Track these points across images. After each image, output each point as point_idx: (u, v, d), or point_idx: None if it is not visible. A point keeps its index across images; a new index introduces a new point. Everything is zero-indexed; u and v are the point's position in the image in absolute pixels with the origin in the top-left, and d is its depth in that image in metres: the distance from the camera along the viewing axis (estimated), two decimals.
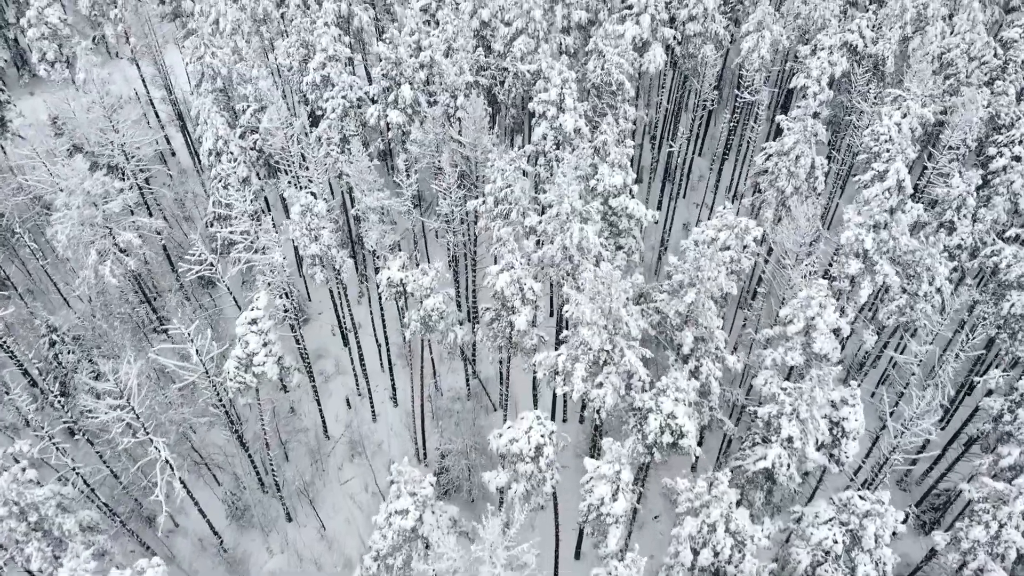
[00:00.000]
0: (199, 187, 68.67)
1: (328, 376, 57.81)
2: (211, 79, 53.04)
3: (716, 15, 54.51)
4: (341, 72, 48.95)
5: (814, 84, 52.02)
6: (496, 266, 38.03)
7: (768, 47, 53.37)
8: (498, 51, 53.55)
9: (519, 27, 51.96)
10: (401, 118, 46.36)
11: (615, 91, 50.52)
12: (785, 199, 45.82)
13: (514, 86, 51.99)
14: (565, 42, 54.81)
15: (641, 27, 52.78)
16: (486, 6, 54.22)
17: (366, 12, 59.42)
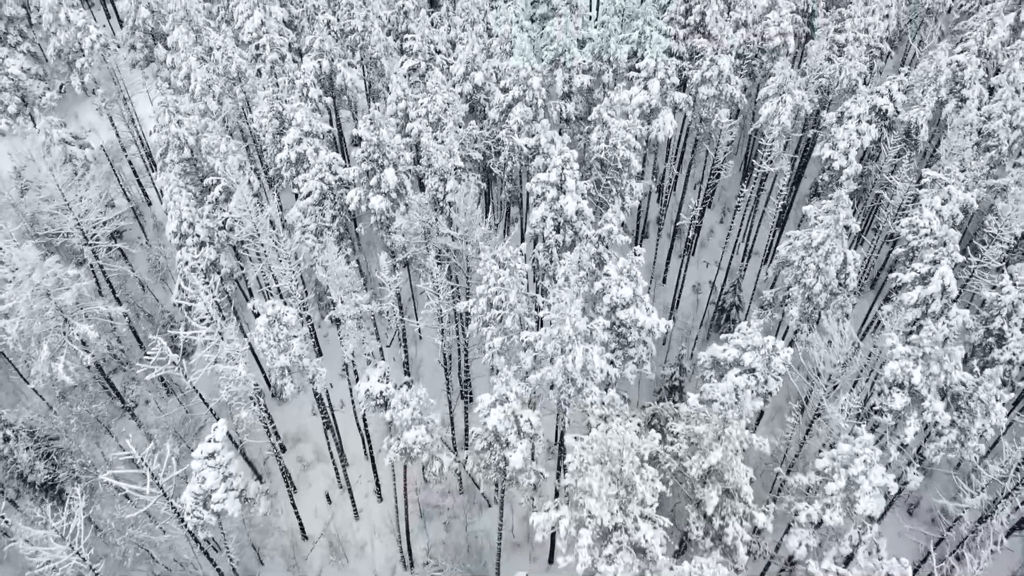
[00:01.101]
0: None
1: (307, 464, 52.27)
2: (177, 148, 47.41)
3: (732, 76, 48.84)
4: (319, 148, 43.33)
5: (840, 157, 46.41)
6: (488, 397, 32.55)
7: (789, 113, 47.72)
8: (493, 119, 47.92)
9: (516, 95, 46.31)
10: (384, 204, 40.74)
11: (620, 167, 44.94)
12: (813, 296, 40.31)
13: (511, 159, 46.38)
14: (566, 109, 49.12)
15: (650, 93, 47.11)
16: (479, 69, 48.54)
17: (351, 69, 53.69)
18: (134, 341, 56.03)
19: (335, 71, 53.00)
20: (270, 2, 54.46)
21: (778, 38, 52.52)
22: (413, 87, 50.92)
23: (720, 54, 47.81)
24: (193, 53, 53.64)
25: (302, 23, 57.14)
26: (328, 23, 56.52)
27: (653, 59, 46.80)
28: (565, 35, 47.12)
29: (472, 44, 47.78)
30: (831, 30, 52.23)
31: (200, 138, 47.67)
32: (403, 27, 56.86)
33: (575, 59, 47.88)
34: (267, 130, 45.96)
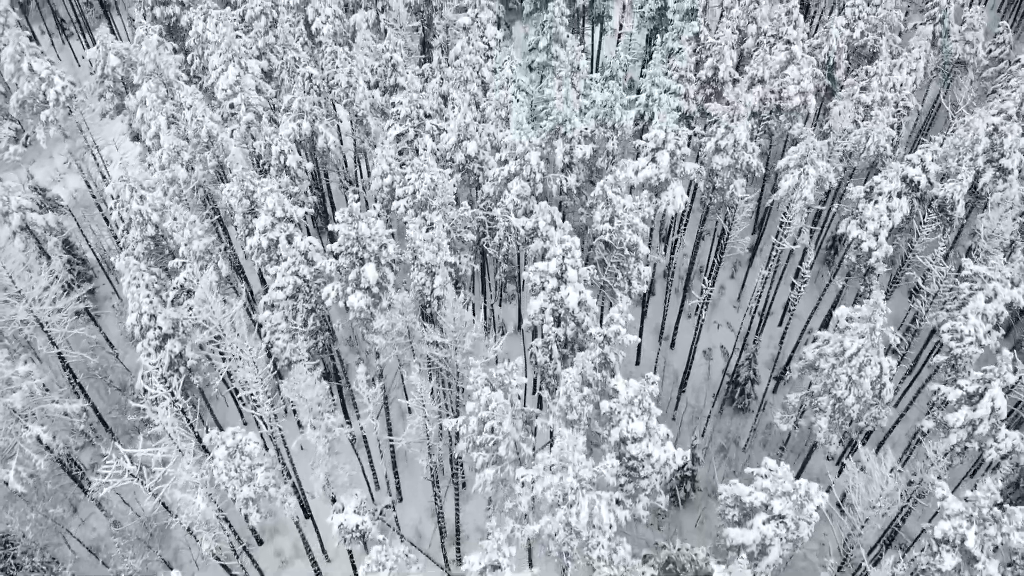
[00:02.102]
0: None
1: (286, 560, 47.31)
2: (140, 226, 42.51)
3: (748, 143, 43.84)
4: (292, 235, 38.41)
5: (870, 238, 41.50)
6: (476, 560, 27.76)
7: (813, 187, 42.80)
8: (488, 192, 42.99)
9: (512, 169, 41.37)
10: (364, 301, 35.85)
11: (627, 252, 40.06)
12: (844, 407, 35.48)
13: (506, 239, 41.46)
14: (566, 182, 44.15)
15: (658, 167, 42.13)
16: (472, 138, 43.55)
17: (334, 128, 48.69)
18: (110, 404, 51.37)
19: (316, 132, 47.99)
20: (246, 56, 49.40)
21: (797, 97, 47.50)
22: (402, 153, 45.92)
23: (736, 121, 42.82)
24: (162, 112, 48.62)
25: (282, 75, 52.11)
26: (310, 76, 51.47)
27: (663, 129, 41.81)
28: (566, 105, 42.10)
29: (464, 112, 42.76)
30: (856, 89, 47.21)
31: (165, 213, 42.77)
32: (391, 80, 51.82)
33: (576, 129, 42.86)
34: (237, 210, 41.00)
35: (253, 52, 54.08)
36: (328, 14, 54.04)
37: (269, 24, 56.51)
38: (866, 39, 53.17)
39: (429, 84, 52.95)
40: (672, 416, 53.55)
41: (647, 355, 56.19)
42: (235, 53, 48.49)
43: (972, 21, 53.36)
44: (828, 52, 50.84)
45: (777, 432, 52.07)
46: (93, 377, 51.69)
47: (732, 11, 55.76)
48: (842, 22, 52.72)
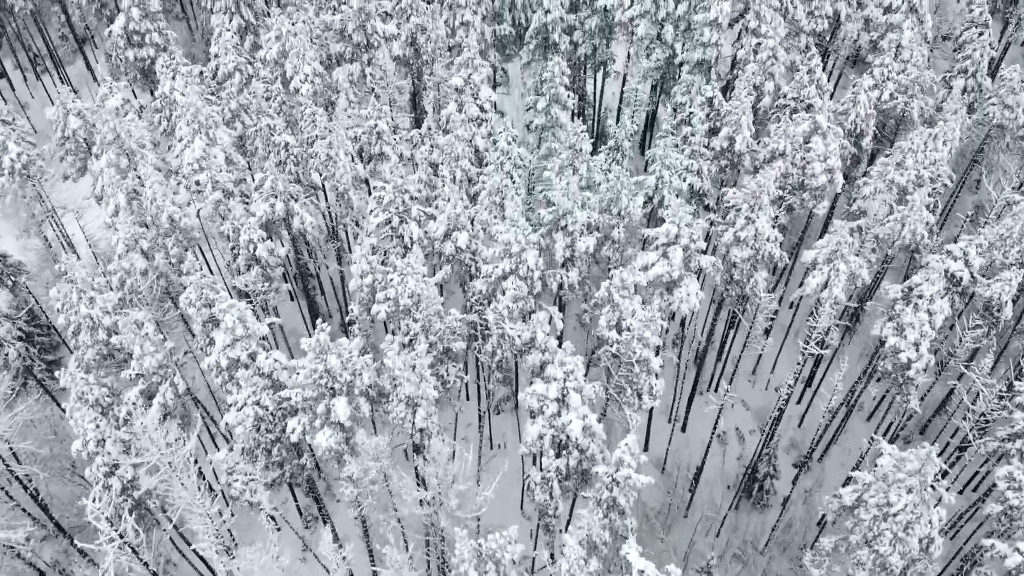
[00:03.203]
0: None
1: None
2: (89, 330, 37.51)
3: (771, 231, 38.75)
4: (257, 353, 33.34)
5: (909, 348, 36.44)
6: None
7: (844, 285, 37.76)
8: (480, 290, 37.93)
9: (508, 268, 36.31)
10: (333, 440, 30.83)
11: (637, 367, 35.04)
12: (887, 564, 30.51)
13: (500, 346, 36.43)
14: (568, 278, 39.07)
15: (671, 264, 37.04)
16: (464, 228, 38.46)
17: (310, 209, 43.55)
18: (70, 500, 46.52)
19: (292, 212, 42.88)
20: (215, 126, 44.19)
21: (824, 176, 42.34)
22: (384, 240, 40.78)
23: (758, 211, 37.69)
24: (122, 188, 43.53)
25: (255, 143, 46.93)
26: (286, 145, 46.27)
27: (675, 224, 36.68)
28: (566, 198, 36.94)
29: (454, 203, 37.66)
30: (891, 168, 42.00)
31: (119, 315, 37.74)
32: (376, 148, 46.65)
33: (578, 222, 37.71)
34: (196, 319, 35.94)
35: (225, 115, 48.94)
36: (307, 72, 48.80)
37: (244, 81, 51.35)
38: (896, 102, 47.96)
39: (419, 150, 47.90)
40: (684, 514, 48.61)
41: (655, 439, 51.19)
42: (202, 124, 43.30)
43: (1012, 83, 48.12)
44: (855, 119, 45.62)
45: (798, 534, 47.14)
46: (49, 469, 46.82)
47: (747, 67, 50.46)
48: (869, 83, 47.50)
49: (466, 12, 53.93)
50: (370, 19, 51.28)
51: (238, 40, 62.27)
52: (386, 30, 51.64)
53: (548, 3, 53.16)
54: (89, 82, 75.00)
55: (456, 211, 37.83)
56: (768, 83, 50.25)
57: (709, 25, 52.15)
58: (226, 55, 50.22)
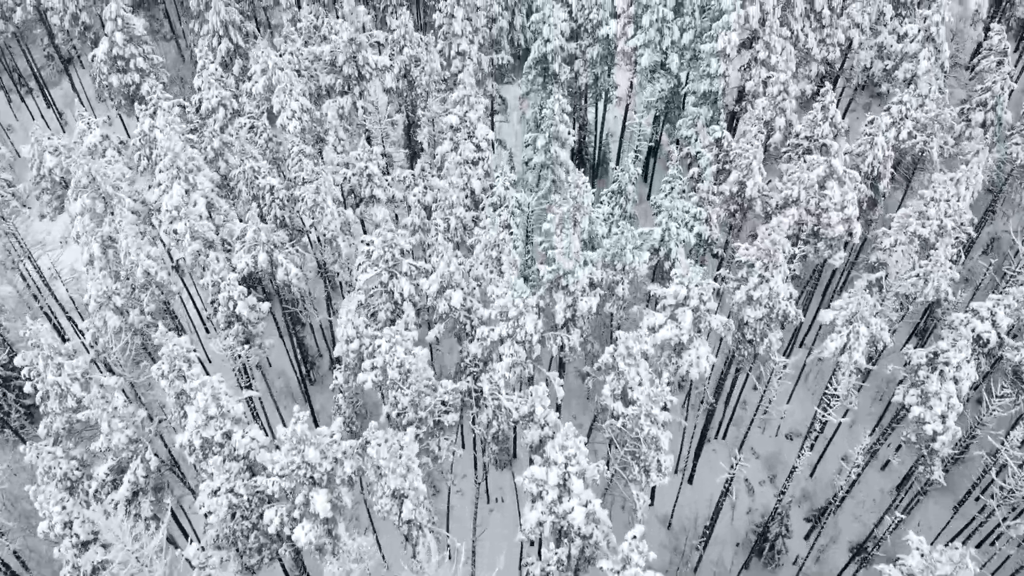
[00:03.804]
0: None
1: None
2: (59, 397, 34.75)
3: (785, 290, 35.96)
4: (232, 432, 30.55)
5: (935, 420, 33.69)
6: None
7: (864, 348, 34.97)
8: (475, 354, 35.14)
9: (504, 332, 33.52)
10: (313, 534, 28.12)
11: (643, 443, 32.28)
12: None
13: (496, 417, 33.69)
14: (568, 340, 36.27)
15: (680, 327, 34.24)
16: (458, 286, 35.67)
17: (296, 260, 40.72)
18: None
19: (276, 263, 40.07)
20: (196, 170, 41.35)
21: (841, 226, 39.54)
22: (373, 296, 37.98)
23: (773, 270, 34.90)
24: (96, 237, 40.73)
25: (239, 186, 44.10)
26: (271, 188, 43.43)
27: (684, 285, 33.88)
28: (567, 258, 34.13)
29: (448, 260, 34.87)
30: (912, 220, 39.15)
31: (89, 379, 35.00)
32: (366, 191, 43.87)
33: (580, 282, 34.89)
34: (168, 392, 33.17)
35: (208, 153, 46.11)
36: (294, 108, 45.95)
37: (228, 116, 48.52)
38: (914, 141, 45.12)
39: (412, 191, 45.13)
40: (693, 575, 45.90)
41: (662, 492, 48.35)
42: (180, 169, 40.47)
43: None
44: (872, 162, 42.78)
45: None
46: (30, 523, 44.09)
47: (757, 101, 47.65)
48: (887, 121, 44.61)
49: (462, 42, 51.11)
50: (361, 50, 48.45)
51: (224, 68, 59.66)
52: (378, 61, 48.81)
53: (548, 32, 50.34)
54: (75, 104, 72.13)
55: (450, 269, 35.03)
56: (779, 118, 47.41)
57: (716, 56, 49.36)
58: (209, 90, 47.36)
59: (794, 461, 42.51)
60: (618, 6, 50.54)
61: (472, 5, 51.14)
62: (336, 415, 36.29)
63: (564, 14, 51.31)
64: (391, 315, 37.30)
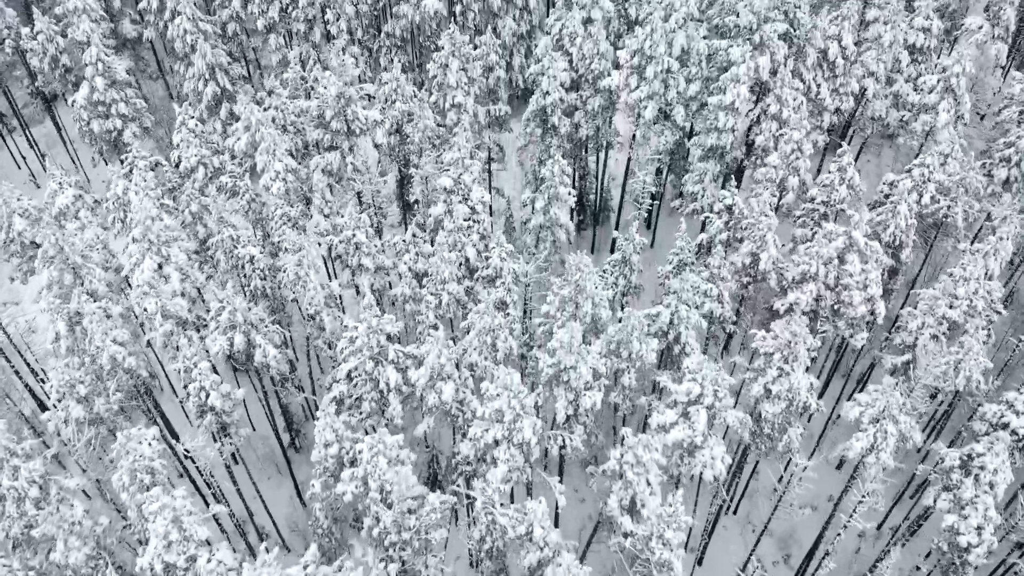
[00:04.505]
0: None
1: None
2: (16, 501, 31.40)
3: (804, 379, 32.68)
4: (197, 557, 27.26)
5: (970, 532, 30.42)
6: None
7: (891, 449, 31.72)
8: (466, 454, 31.85)
9: (499, 435, 30.28)
10: None
11: (654, 569, 28.96)
12: None
13: (490, 534, 30.36)
14: (570, 441, 32.95)
15: (694, 428, 30.99)
16: (450, 378, 32.41)
17: (276, 338, 37.46)
18: None
19: (253, 344, 36.81)
20: (170, 241, 38.13)
21: (863, 306, 36.34)
22: (357, 386, 34.67)
23: (793, 362, 31.66)
24: (62, 315, 37.49)
25: (217, 255, 40.89)
26: (251, 258, 40.20)
27: (698, 383, 30.63)
28: (569, 353, 30.88)
29: (438, 351, 31.63)
30: (941, 304, 35.89)
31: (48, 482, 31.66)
32: (354, 260, 40.65)
33: (582, 378, 31.63)
34: (130, 505, 29.88)
35: (185, 217, 42.93)
36: (278, 169, 42.75)
37: (209, 176, 45.38)
38: (938, 206, 41.97)
39: (403, 259, 41.96)
40: None
41: None
42: (153, 242, 37.28)
43: None
44: (894, 231, 39.59)
45: None
46: None
47: (769, 159, 44.54)
48: (908, 185, 41.50)
49: (457, 94, 47.95)
50: (351, 104, 45.33)
51: (210, 112, 56.57)
52: (368, 116, 45.70)
53: (547, 85, 47.22)
54: (58, 143, 69.14)
55: (440, 361, 31.78)
56: (792, 178, 44.27)
57: (725, 110, 46.29)
58: (188, 148, 44.20)
59: (810, 542, 39.21)
60: (620, 57, 47.43)
61: (467, 56, 48.05)
62: (312, 531, 32.95)
63: (564, 64, 48.22)
64: (377, 404, 34.03)
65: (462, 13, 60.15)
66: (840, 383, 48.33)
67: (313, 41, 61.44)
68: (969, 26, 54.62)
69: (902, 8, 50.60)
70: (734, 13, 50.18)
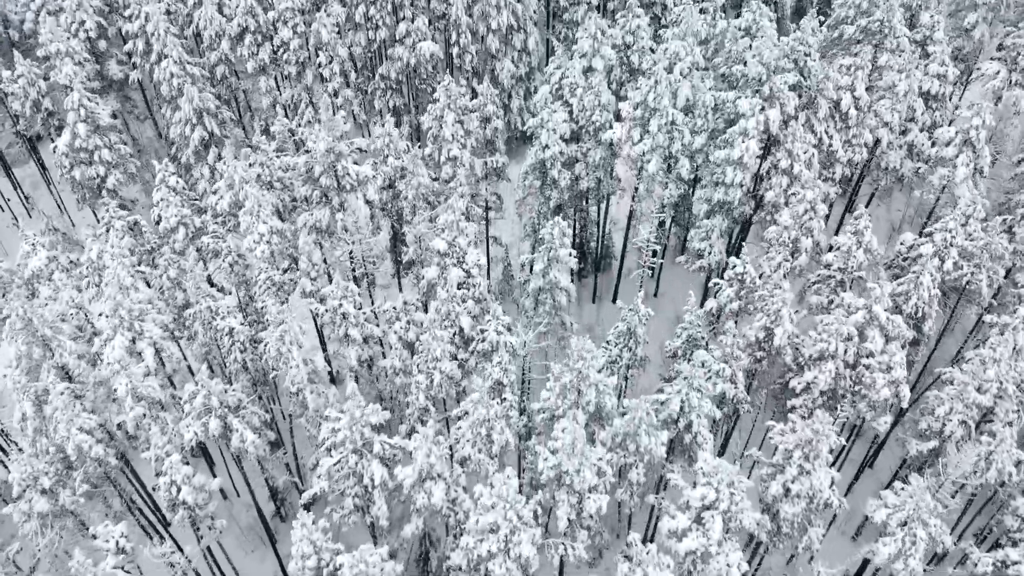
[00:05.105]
0: None
1: None
2: None
3: (826, 476, 29.75)
4: None
5: None
6: None
7: (921, 556, 28.78)
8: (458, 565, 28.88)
9: (493, 548, 27.35)
10: None
11: None
12: None
13: None
14: (572, 551, 29.94)
15: (708, 536, 28.04)
16: (440, 477, 29.46)
17: (251, 424, 34.55)
18: None
19: (231, 428, 33.92)
20: (142, 315, 35.31)
21: (887, 388, 33.48)
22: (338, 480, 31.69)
23: (813, 460, 28.76)
24: (29, 395, 34.65)
25: (195, 326, 38.06)
26: (230, 331, 37.31)
27: (713, 487, 27.72)
28: (571, 458, 27.96)
29: (427, 450, 28.74)
30: (971, 390, 33.03)
31: None
32: (341, 331, 37.80)
33: (586, 481, 28.71)
34: None
35: (163, 282, 40.14)
36: (262, 232, 39.97)
37: (190, 236, 42.65)
38: (961, 273, 39.20)
39: (394, 327, 39.15)
40: None
41: None
42: (123, 318, 34.44)
43: None
44: (917, 303, 36.78)
45: None
46: None
47: (781, 219, 41.77)
48: (929, 250, 38.76)
49: (453, 147, 45.29)
50: (341, 159, 42.61)
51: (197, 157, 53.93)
52: (359, 172, 42.93)
53: (546, 139, 44.62)
54: (42, 184, 66.54)
55: (430, 460, 28.88)
56: (806, 239, 41.44)
57: (733, 164, 43.66)
58: (168, 208, 41.48)
59: None
60: (623, 109, 44.80)
61: (463, 107, 45.43)
62: None
63: (564, 115, 45.65)
64: (361, 501, 31.09)
65: (459, 56, 57.68)
66: (860, 451, 45.39)
67: (305, 83, 58.94)
68: (985, 71, 52.05)
69: (917, 56, 48.09)
70: (741, 62, 47.65)
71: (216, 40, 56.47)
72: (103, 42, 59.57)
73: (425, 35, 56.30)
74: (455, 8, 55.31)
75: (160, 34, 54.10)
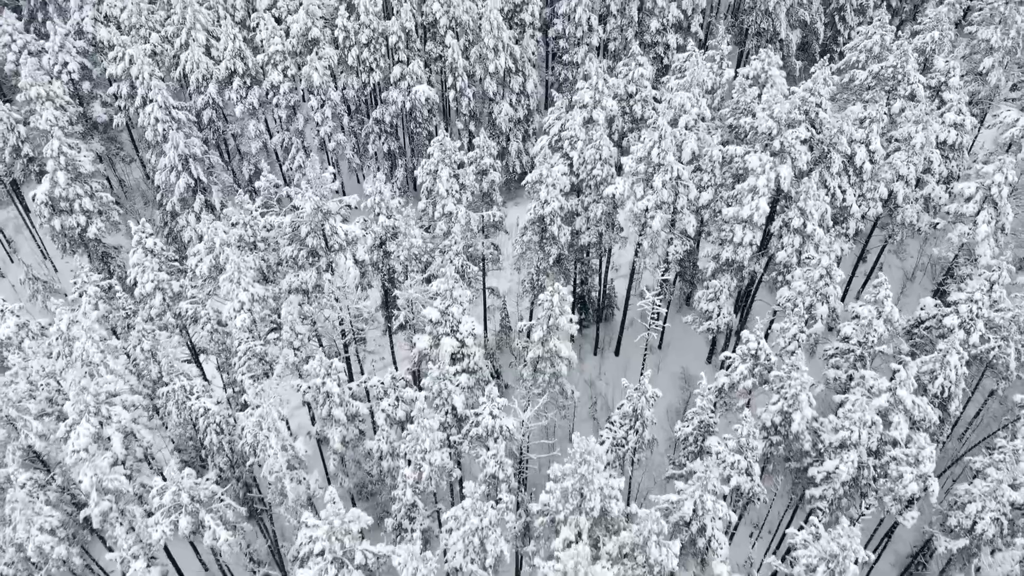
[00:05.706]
0: None
1: None
2: None
3: None
4: None
5: None
6: None
7: None
8: None
9: None
10: None
11: None
12: None
13: None
14: None
15: None
16: None
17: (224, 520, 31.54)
18: None
19: (204, 525, 30.89)
20: (109, 399, 32.40)
21: (915, 483, 30.50)
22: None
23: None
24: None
25: (168, 407, 35.09)
26: (205, 410, 34.32)
27: None
28: None
29: (413, 567, 25.76)
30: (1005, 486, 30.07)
31: None
32: (325, 410, 34.85)
33: None
34: None
35: (137, 355, 37.21)
36: (243, 300, 37.11)
37: (166, 303, 39.78)
38: (988, 346, 36.30)
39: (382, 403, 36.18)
40: None
41: None
42: (88, 404, 31.49)
43: None
44: (943, 383, 33.87)
45: None
46: None
47: (795, 284, 38.92)
48: (955, 321, 35.88)
49: (448, 202, 42.55)
50: (329, 218, 39.86)
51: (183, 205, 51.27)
52: (349, 232, 40.17)
53: (545, 194, 41.85)
54: (24, 228, 63.73)
55: (419, 572, 25.89)
56: (821, 306, 38.59)
57: (742, 223, 40.89)
58: (144, 273, 38.64)
59: None
60: (625, 163, 42.06)
61: (459, 161, 42.73)
62: None
63: (564, 167, 42.95)
64: None
65: (455, 99, 55.08)
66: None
67: (297, 127, 56.37)
68: (1004, 119, 49.36)
69: (934, 107, 45.43)
70: (750, 113, 45.00)
71: (203, 83, 53.87)
72: (87, 84, 57.00)
73: (421, 78, 53.76)
74: (451, 51, 52.77)
75: (144, 78, 51.63)
